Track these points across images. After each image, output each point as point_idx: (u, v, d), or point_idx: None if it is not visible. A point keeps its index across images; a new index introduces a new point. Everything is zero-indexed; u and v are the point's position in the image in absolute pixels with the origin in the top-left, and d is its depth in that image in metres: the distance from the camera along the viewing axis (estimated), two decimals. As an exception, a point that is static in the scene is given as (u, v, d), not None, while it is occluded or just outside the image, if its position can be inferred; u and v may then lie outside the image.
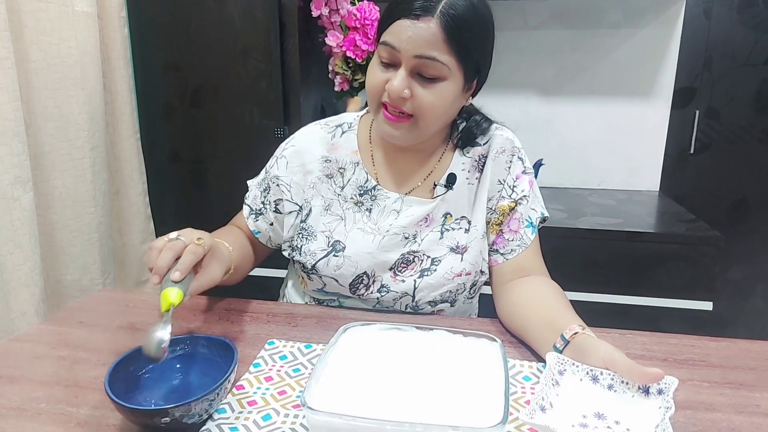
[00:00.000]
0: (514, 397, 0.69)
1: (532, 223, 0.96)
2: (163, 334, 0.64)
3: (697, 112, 1.93)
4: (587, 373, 0.64)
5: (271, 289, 1.18)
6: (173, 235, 0.73)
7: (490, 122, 0.99)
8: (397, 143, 0.91)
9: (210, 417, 0.63)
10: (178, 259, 0.70)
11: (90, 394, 0.68)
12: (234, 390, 0.69)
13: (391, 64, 0.84)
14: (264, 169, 1.02)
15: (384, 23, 0.84)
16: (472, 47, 0.84)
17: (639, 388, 0.61)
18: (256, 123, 1.74)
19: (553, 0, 1.95)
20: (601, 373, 0.64)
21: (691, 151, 1.96)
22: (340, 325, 0.75)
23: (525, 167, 0.98)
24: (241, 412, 0.65)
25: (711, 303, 1.59)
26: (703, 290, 1.59)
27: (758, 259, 1.97)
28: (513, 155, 0.97)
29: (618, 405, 0.61)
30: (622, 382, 0.62)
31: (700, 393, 0.70)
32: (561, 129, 2.06)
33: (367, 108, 1.02)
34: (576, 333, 0.71)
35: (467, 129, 0.97)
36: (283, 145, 1.00)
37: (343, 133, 0.99)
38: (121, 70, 1.66)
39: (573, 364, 0.66)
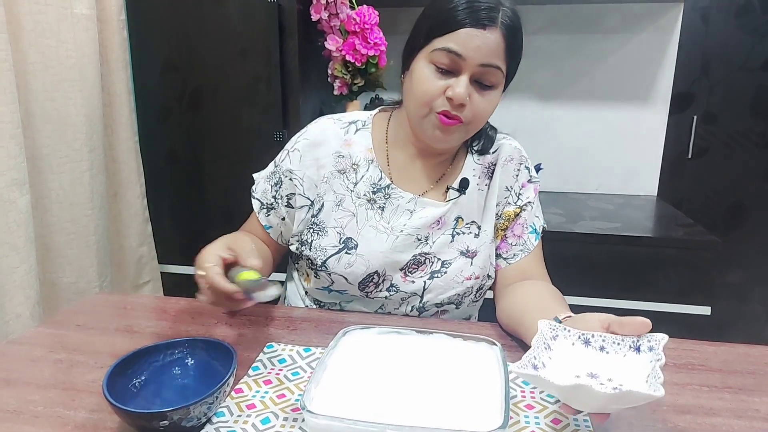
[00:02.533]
0: (514, 401, 0.68)
1: (535, 229, 0.98)
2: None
3: (695, 117, 1.94)
4: (579, 338, 0.64)
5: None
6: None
7: (495, 129, 1.01)
8: (444, 147, 0.92)
9: (209, 420, 0.63)
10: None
11: (87, 398, 0.68)
12: (233, 393, 0.69)
13: (450, 71, 0.84)
14: (273, 163, 1.00)
15: (439, 30, 0.83)
16: (519, 55, 0.88)
17: (630, 346, 0.61)
18: (254, 125, 1.74)
19: (551, 5, 1.96)
20: (593, 336, 0.64)
21: (689, 156, 1.97)
22: (339, 329, 0.74)
23: (531, 176, 1.00)
24: (239, 416, 0.64)
25: (709, 307, 1.59)
26: (701, 294, 1.59)
27: (756, 263, 1.98)
28: (521, 164, 1.00)
29: (610, 364, 0.61)
30: (614, 342, 0.62)
31: (699, 397, 0.70)
32: (559, 133, 2.07)
33: (379, 108, 1.02)
34: (569, 316, 0.72)
35: (484, 135, 0.98)
36: (294, 138, 0.99)
37: (357, 130, 0.98)
38: (120, 73, 1.66)
39: (565, 329, 0.66)
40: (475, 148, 0.98)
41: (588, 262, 1.62)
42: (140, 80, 1.77)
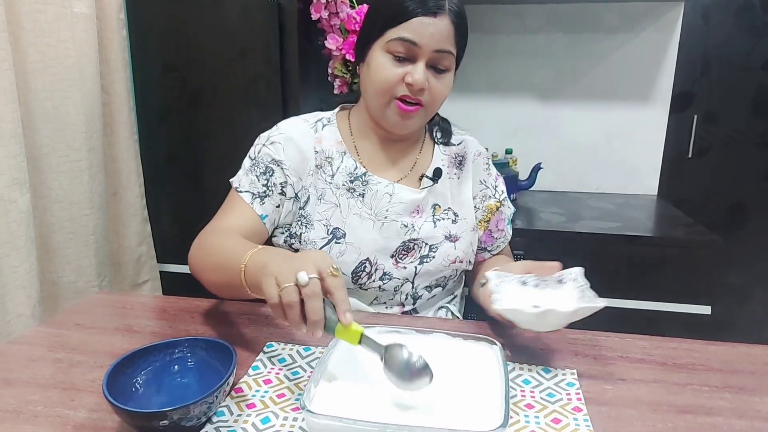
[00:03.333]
0: (514, 401, 0.68)
1: (509, 219, 1.10)
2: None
3: (695, 116, 1.94)
4: (517, 281, 0.83)
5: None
6: (303, 277, 0.61)
7: (446, 120, 1.08)
8: (406, 132, 0.97)
9: (209, 420, 0.63)
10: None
11: (87, 397, 0.68)
12: (233, 393, 0.68)
13: (407, 59, 0.89)
14: (248, 158, 1.00)
15: (392, 20, 0.88)
16: (466, 39, 0.94)
17: (555, 281, 0.80)
18: (254, 125, 1.72)
19: (551, 5, 1.95)
20: (527, 278, 0.82)
21: (689, 156, 1.97)
22: (339, 328, 0.74)
23: (496, 171, 1.11)
24: (239, 415, 0.64)
25: (709, 307, 1.59)
26: (702, 294, 1.59)
27: (756, 262, 1.98)
28: (488, 159, 1.09)
29: (545, 296, 0.79)
30: (543, 280, 0.81)
31: (700, 397, 0.70)
32: (559, 133, 2.07)
33: (340, 106, 1.06)
34: (497, 269, 0.86)
35: (439, 125, 1.06)
36: (267, 134, 1.00)
37: (324, 126, 1.02)
38: (120, 72, 1.66)
39: (507, 275, 0.84)
40: (440, 140, 1.05)
41: (588, 262, 1.61)
42: (140, 80, 1.76)
